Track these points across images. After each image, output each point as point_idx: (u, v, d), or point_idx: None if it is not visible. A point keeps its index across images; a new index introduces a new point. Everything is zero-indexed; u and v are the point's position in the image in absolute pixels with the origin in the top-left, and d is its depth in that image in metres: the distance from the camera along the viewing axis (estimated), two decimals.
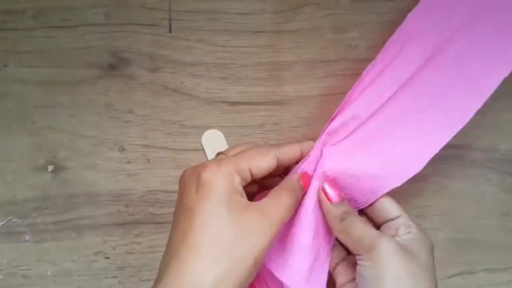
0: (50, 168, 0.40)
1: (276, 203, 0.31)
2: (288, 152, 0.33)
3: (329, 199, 0.34)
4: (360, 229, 0.32)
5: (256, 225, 0.29)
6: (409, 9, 0.39)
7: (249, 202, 0.31)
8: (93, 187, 0.40)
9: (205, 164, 0.31)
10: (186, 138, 0.40)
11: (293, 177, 0.34)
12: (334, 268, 0.36)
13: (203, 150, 0.40)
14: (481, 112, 0.41)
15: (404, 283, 0.30)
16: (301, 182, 0.33)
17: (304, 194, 0.34)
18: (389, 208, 0.34)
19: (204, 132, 0.40)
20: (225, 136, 0.40)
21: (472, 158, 0.41)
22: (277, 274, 0.33)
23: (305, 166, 0.35)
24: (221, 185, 0.29)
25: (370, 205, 0.35)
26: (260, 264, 0.30)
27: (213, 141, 0.40)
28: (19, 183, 0.39)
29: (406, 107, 0.34)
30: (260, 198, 0.32)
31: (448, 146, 0.41)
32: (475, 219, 0.41)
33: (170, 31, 0.40)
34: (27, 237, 0.39)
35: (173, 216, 0.31)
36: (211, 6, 0.40)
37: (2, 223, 0.39)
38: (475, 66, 0.34)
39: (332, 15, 0.41)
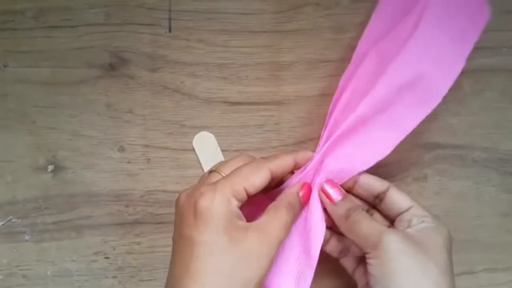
0: (50, 168, 0.40)
1: (273, 221, 0.31)
2: (282, 165, 0.33)
3: (330, 200, 0.33)
4: (365, 226, 0.31)
5: (257, 249, 0.29)
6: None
7: (248, 224, 0.30)
8: (93, 187, 0.40)
9: (201, 191, 0.30)
10: (186, 138, 0.40)
11: (292, 190, 0.33)
12: (353, 272, 0.35)
13: (195, 152, 0.40)
14: (481, 112, 0.41)
15: (413, 278, 0.29)
16: (301, 193, 0.33)
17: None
18: (400, 200, 0.33)
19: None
20: (225, 136, 0.40)
21: (472, 158, 0.41)
22: None
23: (303, 176, 0.34)
24: (219, 212, 0.29)
25: (381, 200, 0.34)
26: (261, 285, 0.30)
27: (204, 143, 0.40)
28: (19, 183, 0.39)
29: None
30: (253, 204, 0.32)
31: (448, 146, 0.41)
32: (476, 219, 0.41)
33: (170, 31, 0.40)
34: (27, 237, 0.39)
35: (173, 241, 0.31)
36: (211, 6, 0.40)
37: (2, 223, 0.39)
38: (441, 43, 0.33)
39: (332, 15, 0.41)
